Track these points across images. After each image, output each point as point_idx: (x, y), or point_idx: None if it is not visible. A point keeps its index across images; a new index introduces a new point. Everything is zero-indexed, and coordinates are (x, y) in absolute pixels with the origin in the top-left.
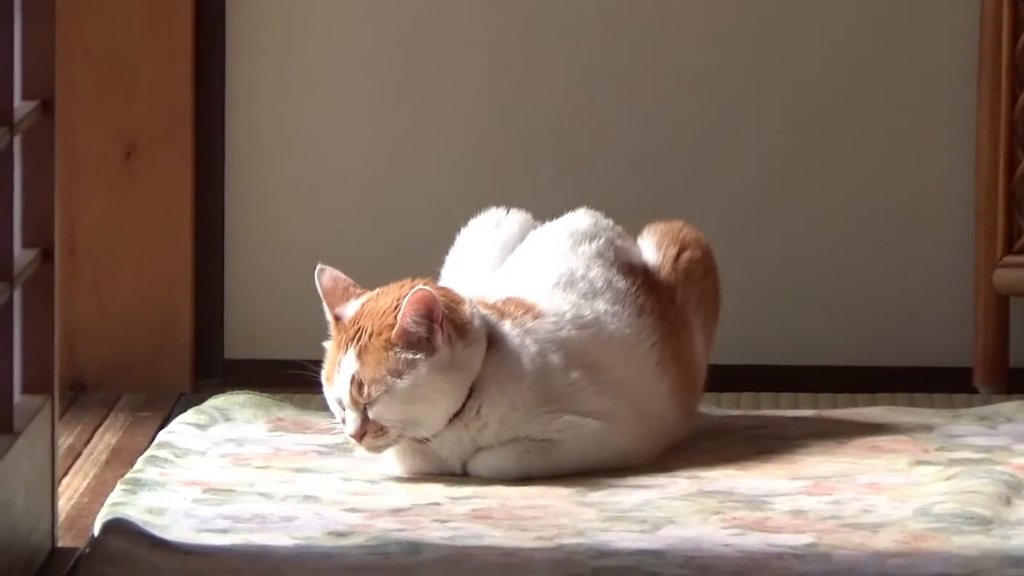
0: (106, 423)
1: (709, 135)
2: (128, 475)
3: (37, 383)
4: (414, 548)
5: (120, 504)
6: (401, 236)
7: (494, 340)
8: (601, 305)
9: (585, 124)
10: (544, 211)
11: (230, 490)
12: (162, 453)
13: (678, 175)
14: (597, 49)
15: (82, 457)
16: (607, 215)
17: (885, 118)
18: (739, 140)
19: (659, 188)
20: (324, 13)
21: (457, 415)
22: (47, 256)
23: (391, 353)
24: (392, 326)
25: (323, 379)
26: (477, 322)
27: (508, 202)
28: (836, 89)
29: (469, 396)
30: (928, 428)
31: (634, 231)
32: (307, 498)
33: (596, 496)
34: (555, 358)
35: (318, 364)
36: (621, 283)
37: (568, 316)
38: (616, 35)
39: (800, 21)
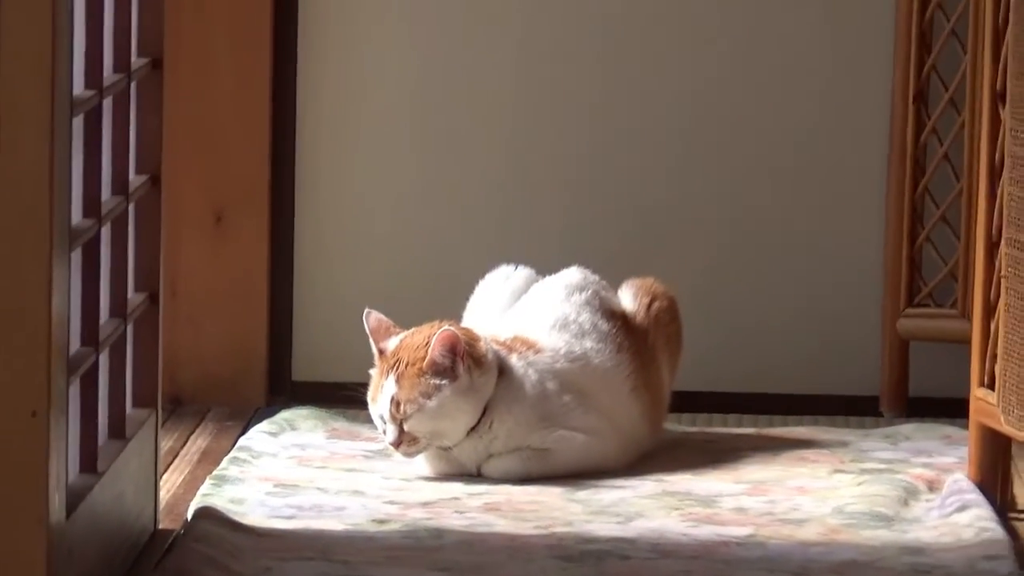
0: (197, 431)
1: (673, 214)
2: (215, 472)
3: (144, 399)
4: (438, 533)
5: (208, 495)
6: (432, 286)
7: (504, 370)
8: (588, 343)
9: (579, 199)
10: (544, 266)
11: (295, 485)
12: (242, 455)
13: (650, 240)
14: (587, 139)
15: (178, 458)
16: (594, 271)
17: (814, 197)
18: (698, 215)
19: (635, 249)
20: (379, 106)
21: (474, 428)
22: (153, 298)
23: (423, 379)
24: (424, 358)
25: (369, 399)
26: (491, 355)
27: (516, 259)
28: (776, 184)
29: (483, 414)
30: (843, 444)
31: (615, 283)
32: (355, 492)
33: (582, 494)
34: (551, 385)
35: (365, 387)
36: (604, 326)
37: (562, 352)
38: (603, 128)
39: (743, 120)
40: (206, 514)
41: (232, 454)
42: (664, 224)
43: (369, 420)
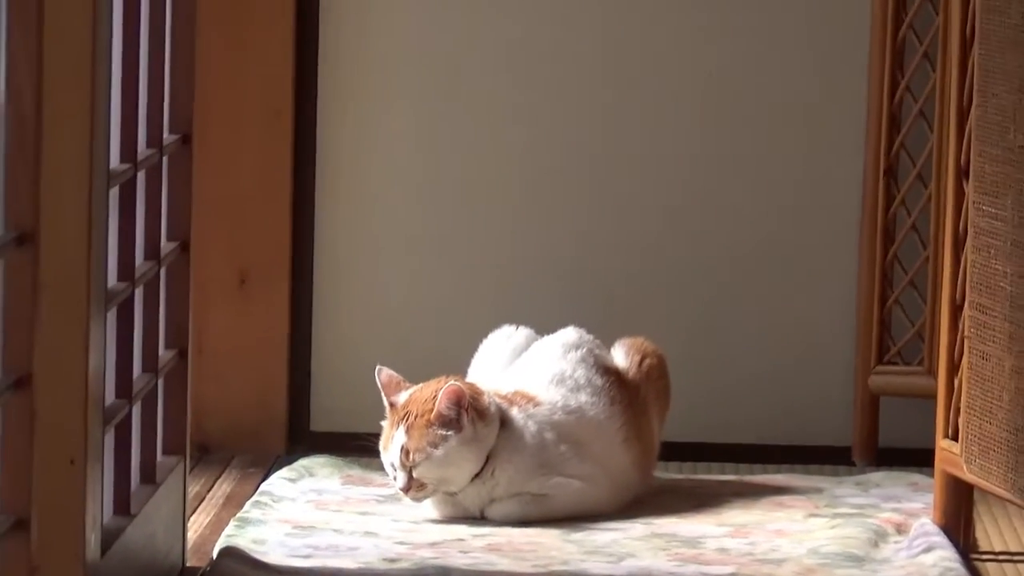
0: (222, 476)
1: (661, 280)
2: (238, 515)
3: (173, 447)
4: (445, 572)
5: (232, 536)
6: (439, 344)
7: (505, 421)
8: (583, 397)
9: (575, 267)
10: (543, 327)
11: (312, 527)
12: (263, 499)
13: (641, 304)
14: (583, 214)
15: (205, 501)
16: (589, 331)
17: (792, 263)
18: (685, 280)
19: (627, 312)
20: (392, 181)
21: (477, 475)
22: (182, 354)
23: (430, 430)
24: (431, 410)
25: (381, 448)
26: (493, 408)
27: (517, 320)
28: (757, 251)
29: (486, 462)
30: (818, 491)
31: (608, 343)
32: (368, 533)
33: (577, 536)
34: (549, 435)
35: (377, 437)
36: (598, 381)
37: (559, 405)
38: (597, 204)
39: (727, 196)
40: (230, 553)
41: (254, 498)
42: (653, 289)
43: (381, 467)
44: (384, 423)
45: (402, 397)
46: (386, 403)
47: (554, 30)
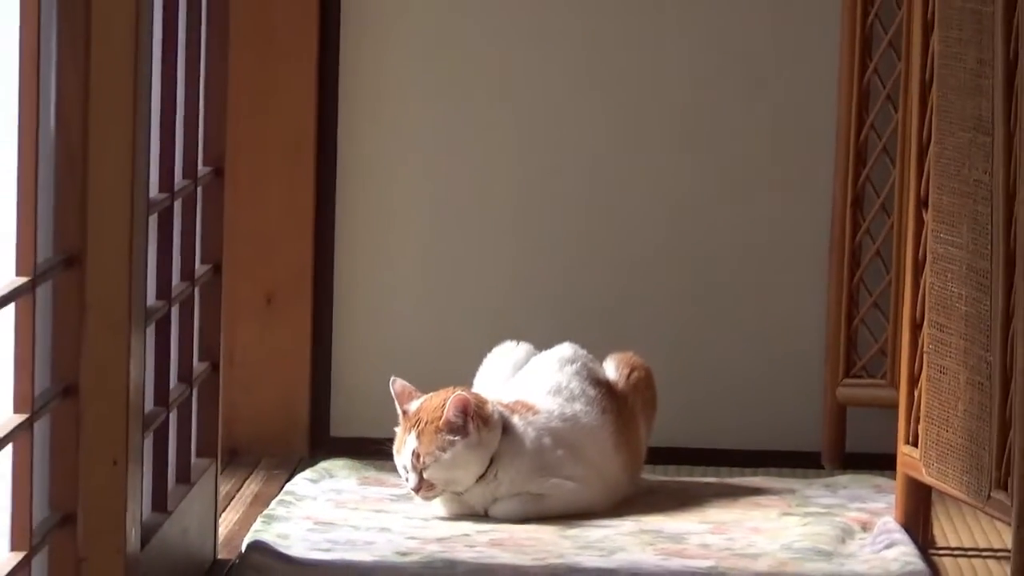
0: (250, 477)
1: (648, 301)
2: (265, 512)
3: (206, 450)
4: (452, 564)
5: (259, 531)
6: (448, 358)
7: (507, 427)
8: (578, 406)
9: (570, 289)
10: (542, 343)
11: (331, 523)
12: (287, 498)
13: (629, 322)
14: (577, 243)
15: (234, 499)
16: (583, 347)
17: (767, 286)
18: (669, 301)
19: (616, 329)
20: (406, 214)
21: (482, 477)
22: (214, 366)
23: (439, 436)
24: (440, 418)
25: (394, 451)
26: (496, 416)
27: (518, 336)
28: (735, 276)
29: (490, 464)
30: (791, 492)
31: (600, 357)
32: (382, 529)
33: (572, 532)
34: (547, 440)
35: (391, 441)
36: (591, 392)
37: (556, 413)
38: (587, 235)
39: (708, 226)
40: (257, 547)
41: (279, 497)
42: (642, 308)
43: (395, 470)
44: (397, 429)
45: (414, 405)
46: (399, 411)
47: (553, 67)
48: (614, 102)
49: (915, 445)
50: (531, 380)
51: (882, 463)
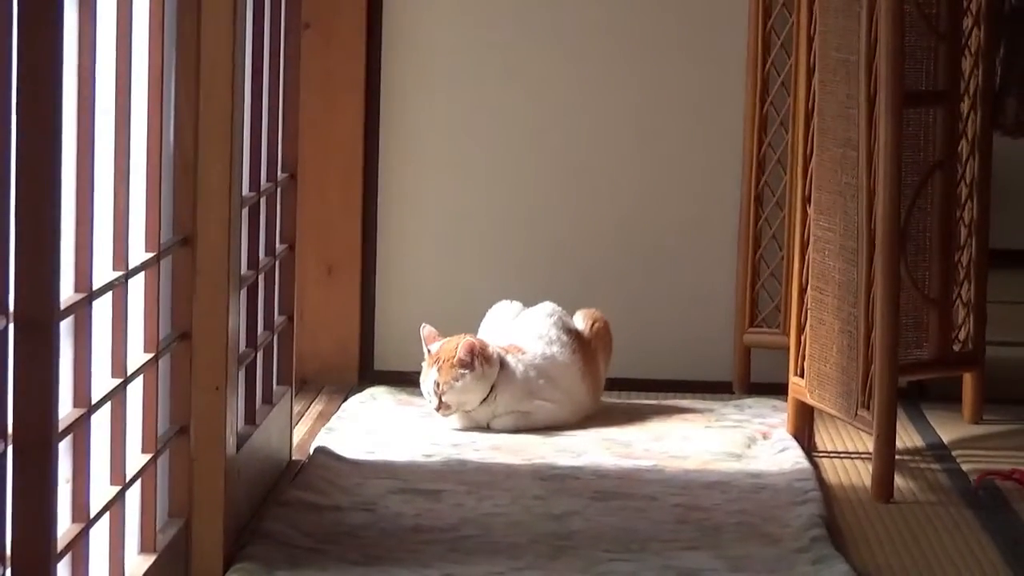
0: (316, 400)
1: (607, 273)
2: (326, 425)
3: (284, 379)
4: (463, 463)
5: (322, 439)
6: (462, 312)
7: (503, 364)
8: (555, 348)
9: (549, 261)
10: (529, 300)
11: (375, 432)
12: (343, 415)
13: (592, 285)
14: (560, 224)
15: (304, 416)
16: (560, 304)
17: (693, 263)
18: (621, 273)
19: (583, 291)
20: (431, 211)
21: (484, 399)
22: (290, 319)
23: (453, 370)
24: (454, 356)
25: (421, 381)
26: (495, 355)
27: (511, 296)
28: (669, 246)
29: (490, 391)
30: (711, 410)
31: (571, 311)
32: (412, 437)
33: (551, 440)
34: (532, 373)
35: (419, 374)
36: (565, 338)
37: (539, 353)
38: (567, 223)
39: (641, 212)
40: (322, 451)
41: (337, 414)
42: (602, 275)
43: (422, 394)
44: (424, 364)
45: (435, 347)
46: (425, 351)
47: (563, 80)
48: (578, 110)
49: (802, 376)
50: (521, 329)
51: (778, 390)
